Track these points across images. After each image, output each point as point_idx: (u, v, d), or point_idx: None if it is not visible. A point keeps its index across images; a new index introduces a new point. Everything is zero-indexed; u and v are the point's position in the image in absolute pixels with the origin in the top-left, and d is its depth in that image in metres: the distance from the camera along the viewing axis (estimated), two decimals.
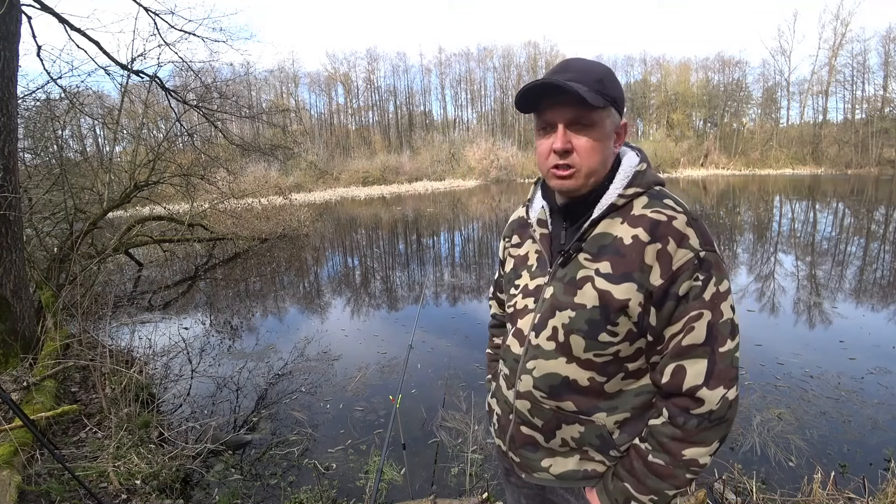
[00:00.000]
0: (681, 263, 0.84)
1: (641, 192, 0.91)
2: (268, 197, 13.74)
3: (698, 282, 0.84)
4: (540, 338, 0.96)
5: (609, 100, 0.89)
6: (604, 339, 0.90)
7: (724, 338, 0.85)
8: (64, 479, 2.55)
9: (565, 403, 0.95)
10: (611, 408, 0.94)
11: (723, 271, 0.86)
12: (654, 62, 52.16)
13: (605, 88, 0.88)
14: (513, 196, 24.03)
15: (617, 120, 0.93)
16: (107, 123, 8.27)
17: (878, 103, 39.78)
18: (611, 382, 0.93)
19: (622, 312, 0.87)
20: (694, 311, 0.84)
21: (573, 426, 0.96)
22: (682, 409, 0.86)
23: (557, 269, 0.96)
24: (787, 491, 2.49)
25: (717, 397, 0.85)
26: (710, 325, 0.84)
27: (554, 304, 0.94)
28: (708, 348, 0.85)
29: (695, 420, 0.85)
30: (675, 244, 0.84)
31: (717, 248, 0.87)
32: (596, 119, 0.89)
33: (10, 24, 3.81)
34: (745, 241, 10.24)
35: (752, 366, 4.09)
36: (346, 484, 2.78)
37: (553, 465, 1.01)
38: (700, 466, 0.88)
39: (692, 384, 0.85)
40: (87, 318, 4.89)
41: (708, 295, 0.84)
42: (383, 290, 7.70)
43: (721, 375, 0.85)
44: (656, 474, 0.89)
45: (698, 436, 0.86)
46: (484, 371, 4.20)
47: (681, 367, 0.86)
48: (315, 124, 51.00)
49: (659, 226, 0.86)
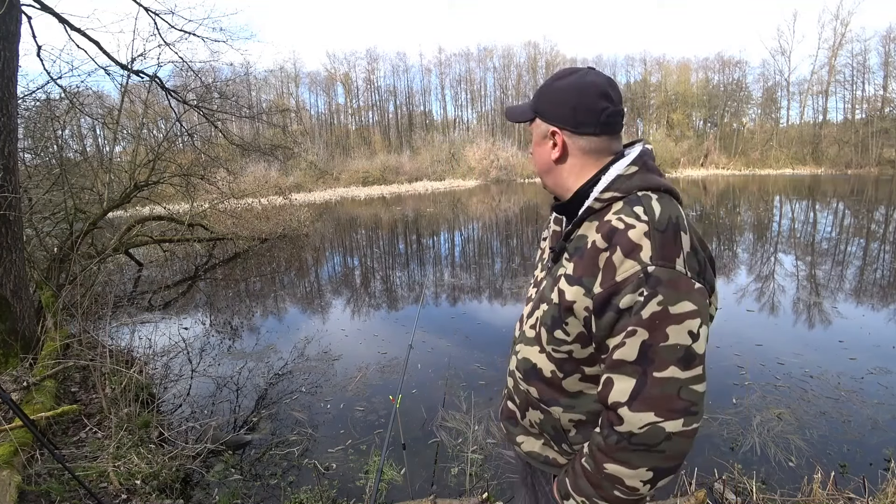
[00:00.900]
0: (626, 275, 0.81)
1: (619, 196, 0.90)
2: (268, 197, 13.73)
3: (641, 297, 0.80)
4: (526, 325, 1.06)
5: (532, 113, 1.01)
6: (559, 335, 0.94)
7: (665, 363, 0.79)
8: (64, 479, 2.55)
9: (531, 388, 1.03)
10: (568, 405, 0.98)
11: (681, 291, 0.80)
12: (654, 62, 52.14)
13: (535, 102, 1.01)
14: (513, 196, 24.03)
15: (543, 129, 1.00)
16: (107, 123, 8.27)
17: (878, 103, 39.76)
18: (568, 380, 0.97)
19: (570, 313, 0.90)
20: (630, 327, 0.81)
21: (536, 411, 1.04)
22: (608, 423, 0.85)
23: (551, 265, 1.03)
24: (787, 491, 2.49)
25: (639, 421, 0.80)
26: (646, 346, 0.80)
27: (541, 297, 1.02)
28: (638, 368, 0.81)
29: (615, 437, 0.83)
30: (623, 254, 0.82)
31: (685, 266, 0.82)
32: (533, 130, 1.04)
33: (10, 24, 3.81)
34: (745, 241, 10.24)
35: (753, 366, 4.09)
36: (346, 484, 2.78)
37: (525, 442, 1.10)
38: (627, 488, 0.84)
39: (615, 399, 0.83)
40: (87, 318, 4.89)
41: (647, 313, 0.79)
42: (383, 290, 7.71)
43: (652, 401, 0.80)
44: (586, 478, 0.90)
45: (618, 454, 0.83)
46: (484, 371, 4.23)
47: (610, 379, 0.85)
48: (315, 124, 50.96)
49: (615, 233, 0.84)
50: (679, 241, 0.83)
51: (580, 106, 0.94)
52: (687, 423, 0.80)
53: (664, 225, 0.83)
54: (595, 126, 0.94)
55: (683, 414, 0.80)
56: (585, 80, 0.95)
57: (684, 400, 0.80)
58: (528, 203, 20.41)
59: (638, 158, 0.94)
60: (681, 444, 0.81)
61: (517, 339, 1.11)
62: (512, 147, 40.46)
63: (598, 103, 0.93)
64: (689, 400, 0.80)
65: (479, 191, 28.91)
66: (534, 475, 1.15)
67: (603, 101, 0.93)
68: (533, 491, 1.17)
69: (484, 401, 3.65)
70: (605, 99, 0.93)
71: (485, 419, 3.36)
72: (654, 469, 0.82)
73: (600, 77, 0.96)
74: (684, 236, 0.84)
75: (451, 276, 8.20)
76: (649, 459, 0.82)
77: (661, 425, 0.80)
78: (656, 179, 0.92)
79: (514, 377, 1.09)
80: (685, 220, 0.88)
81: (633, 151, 0.97)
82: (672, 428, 0.80)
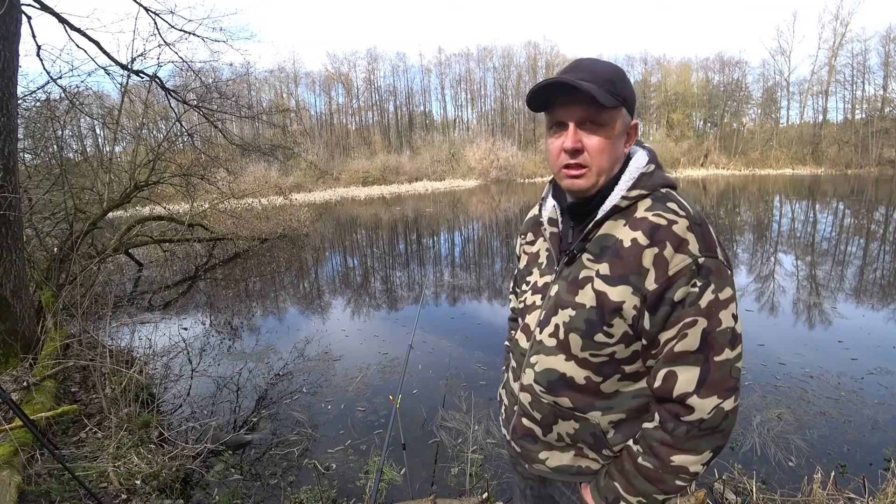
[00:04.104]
0: (678, 269, 0.82)
1: (646, 194, 0.90)
2: (268, 197, 13.74)
3: (695, 288, 0.82)
4: (543, 334, 0.99)
5: (620, 100, 0.89)
6: (599, 339, 0.91)
7: (721, 347, 0.84)
8: (64, 479, 2.55)
9: (562, 399, 0.97)
10: (606, 407, 0.95)
11: (725, 278, 0.84)
12: (654, 62, 52.17)
13: (616, 88, 0.89)
14: (513, 196, 24.03)
15: (627, 120, 0.94)
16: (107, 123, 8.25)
17: (878, 103, 39.73)
18: (607, 382, 0.94)
19: (617, 314, 0.88)
20: (689, 318, 0.83)
21: (569, 422, 0.98)
22: (673, 415, 0.86)
23: (563, 268, 0.98)
24: (787, 491, 2.49)
25: (709, 406, 0.84)
26: (705, 333, 0.83)
27: (557, 302, 0.97)
28: (701, 356, 0.84)
29: (684, 427, 0.85)
30: (673, 249, 0.83)
31: (722, 255, 0.86)
32: (607, 119, 0.89)
33: (10, 24, 3.81)
34: (746, 241, 10.24)
35: (754, 366, 4.09)
36: (346, 484, 2.78)
37: (549, 458, 1.03)
38: (690, 474, 0.87)
39: (682, 391, 0.85)
40: (87, 318, 4.88)
41: (704, 302, 0.82)
42: (383, 290, 7.70)
43: (715, 384, 0.84)
44: (645, 477, 0.90)
45: (688, 443, 0.85)
46: (484, 371, 4.22)
47: (672, 372, 0.85)
48: (315, 124, 50.95)
49: (658, 229, 0.85)
50: (711, 232, 0.87)
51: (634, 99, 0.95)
52: (736, 399, 0.86)
53: (699, 219, 0.87)
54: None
55: (734, 391, 0.85)
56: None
57: (734, 378, 0.85)
58: (528, 203, 20.40)
59: (653, 157, 0.95)
60: (734, 419, 0.86)
61: (529, 350, 1.03)
62: (512, 147, 40.43)
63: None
64: (736, 378, 0.86)
65: (478, 191, 28.91)
66: (551, 487, 1.11)
67: None
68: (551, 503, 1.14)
69: (484, 401, 3.65)
70: None
71: (485, 419, 3.36)
72: (714, 449, 0.87)
73: None
74: (711, 228, 0.88)
75: (451, 276, 8.20)
76: (713, 440, 0.86)
77: (721, 406, 0.84)
78: (668, 177, 0.95)
79: (533, 392, 1.02)
80: None
81: (642, 150, 0.97)
82: (728, 406, 0.85)
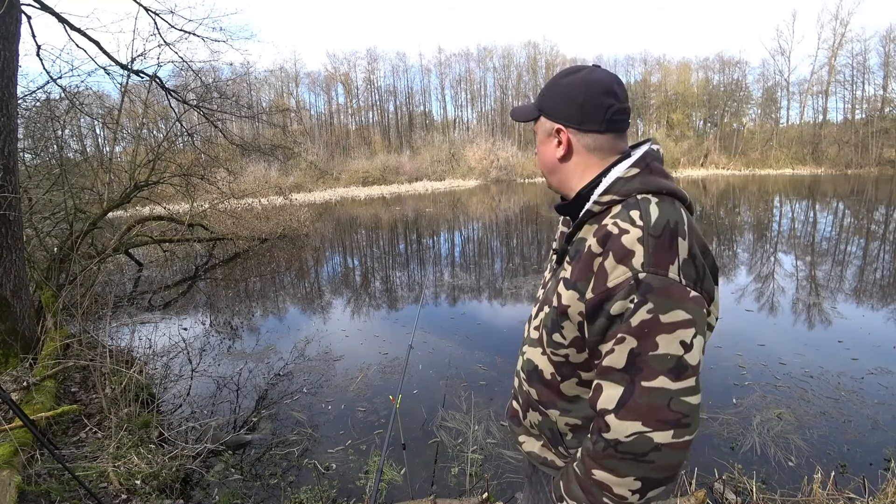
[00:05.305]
0: (617, 281, 0.80)
1: (618, 199, 0.88)
2: (268, 197, 13.73)
3: (631, 304, 0.78)
4: (531, 326, 1.07)
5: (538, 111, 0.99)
6: (556, 339, 0.94)
7: (655, 372, 0.77)
8: (64, 479, 2.55)
9: (532, 390, 1.04)
10: (565, 409, 0.98)
11: (674, 300, 0.77)
12: (654, 62, 52.17)
13: (539, 100, 0.99)
14: (513, 196, 24.04)
15: (548, 127, 0.98)
16: (107, 123, 8.25)
17: (878, 103, 39.75)
18: (566, 384, 0.97)
19: (565, 317, 0.90)
20: (619, 334, 0.80)
21: (535, 413, 1.05)
22: (597, 428, 0.84)
23: (556, 267, 1.04)
24: (787, 491, 2.49)
25: (626, 430, 0.79)
26: (633, 354, 0.79)
27: (545, 299, 1.02)
28: (627, 376, 0.80)
29: (602, 443, 0.82)
30: (615, 260, 0.80)
31: (680, 274, 0.79)
32: (537, 129, 1.02)
33: (10, 24, 3.81)
34: (746, 241, 10.24)
35: (754, 366, 4.09)
36: (346, 484, 2.78)
37: (526, 442, 1.12)
38: (616, 496, 0.82)
39: (603, 406, 0.82)
40: (87, 318, 4.88)
41: (636, 321, 0.78)
42: (383, 290, 7.70)
43: (639, 410, 0.78)
44: (578, 483, 0.89)
45: (605, 461, 0.82)
46: (484, 371, 4.24)
47: (599, 385, 0.84)
48: (315, 124, 50.98)
49: (609, 238, 0.82)
50: (675, 246, 0.80)
51: (586, 103, 0.92)
52: (678, 435, 0.78)
53: (660, 230, 0.80)
54: (600, 123, 0.92)
55: (674, 426, 0.78)
56: (591, 77, 0.93)
57: (675, 411, 0.78)
58: (527, 203, 20.40)
59: (640, 160, 0.91)
60: (671, 455, 0.78)
61: (524, 339, 1.11)
62: (512, 147, 40.48)
63: (603, 100, 0.91)
64: (680, 412, 0.78)
65: (478, 191, 28.91)
66: (536, 473, 1.16)
67: (609, 98, 0.91)
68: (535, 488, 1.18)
69: (484, 401, 3.65)
70: (611, 96, 0.91)
71: (485, 419, 3.36)
72: (642, 479, 0.80)
73: (606, 74, 0.93)
74: (682, 242, 0.81)
75: (450, 276, 8.20)
76: (637, 469, 0.80)
77: (648, 435, 0.78)
78: (659, 182, 0.88)
79: (520, 377, 1.10)
80: (687, 224, 0.83)
81: (637, 152, 0.94)
82: (661, 439, 0.78)
